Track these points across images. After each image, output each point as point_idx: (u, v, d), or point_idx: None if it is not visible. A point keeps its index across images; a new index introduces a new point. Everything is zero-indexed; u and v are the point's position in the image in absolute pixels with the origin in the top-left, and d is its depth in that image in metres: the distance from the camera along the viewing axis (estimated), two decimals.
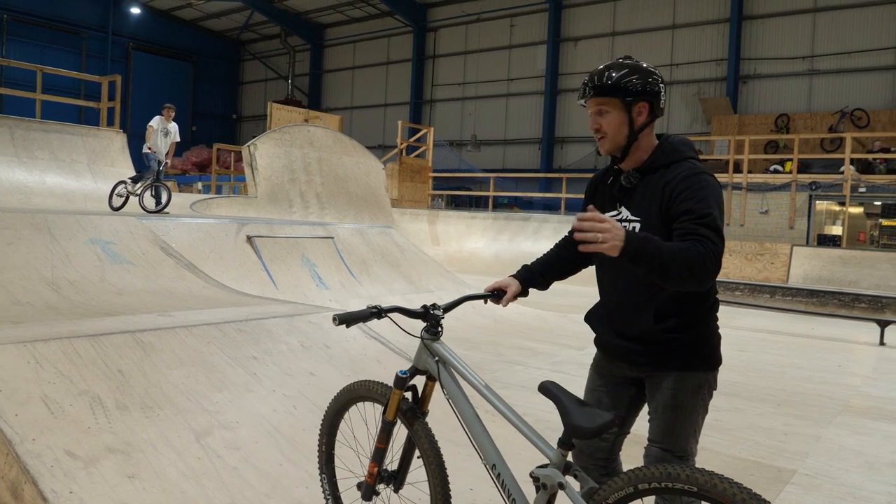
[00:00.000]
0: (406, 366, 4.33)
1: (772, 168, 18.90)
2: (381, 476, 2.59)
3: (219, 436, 3.45)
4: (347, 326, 2.44)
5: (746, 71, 24.27)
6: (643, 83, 2.28)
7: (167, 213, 10.33)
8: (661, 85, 2.32)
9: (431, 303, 2.54)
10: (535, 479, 2.08)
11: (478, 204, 27.88)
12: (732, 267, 17.05)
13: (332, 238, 9.29)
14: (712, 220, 2.12)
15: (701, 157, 20.66)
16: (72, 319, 4.45)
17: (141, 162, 11.68)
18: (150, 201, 10.73)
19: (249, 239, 8.17)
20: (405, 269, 10.08)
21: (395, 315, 2.51)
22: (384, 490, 2.66)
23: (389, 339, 5.24)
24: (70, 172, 12.62)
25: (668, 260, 1.99)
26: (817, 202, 17.89)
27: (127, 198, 10.83)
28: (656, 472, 1.92)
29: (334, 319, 2.41)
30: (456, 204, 27.93)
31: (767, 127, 22.19)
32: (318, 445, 2.89)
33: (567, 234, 2.56)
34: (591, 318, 2.59)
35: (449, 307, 2.53)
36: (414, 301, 8.79)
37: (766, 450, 4.74)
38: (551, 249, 2.71)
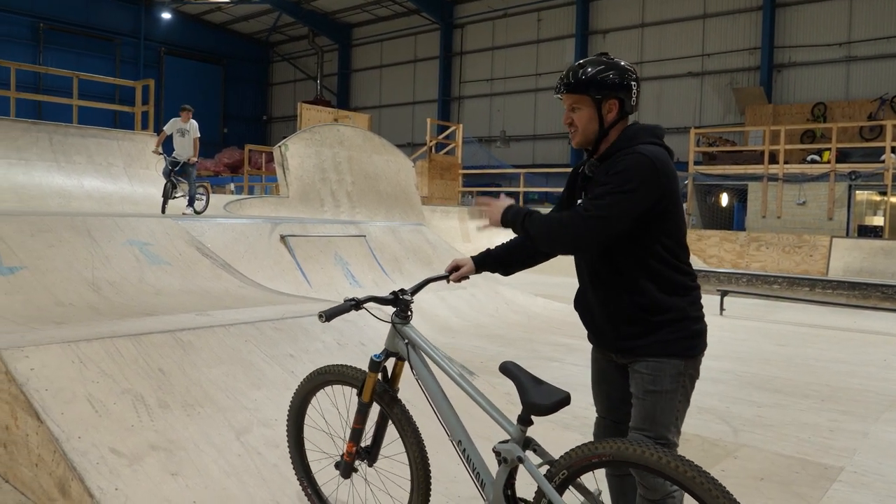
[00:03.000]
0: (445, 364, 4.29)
1: (809, 158, 18.52)
2: (358, 453, 2.74)
3: (258, 433, 3.48)
4: (329, 320, 2.55)
5: (781, 59, 23.80)
6: (613, 81, 2.35)
7: (192, 212, 10.38)
8: (634, 82, 2.40)
9: (399, 288, 2.69)
10: (497, 453, 2.26)
11: None
12: (770, 260, 16.75)
13: (365, 236, 9.32)
14: (598, 194, 2.27)
15: (735, 148, 20.42)
16: (113, 319, 4.51)
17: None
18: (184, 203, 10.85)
19: (283, 238, 8.22)
20: (437, 266, 10.06)
21: (370, 305, 2.67)
22: (360, 466, 2.82)
23: (426, 335, 5.23)
24: (107, 176, 12.85)
25: (529, 226, 2.37)
26: (857, 192, 17.50)
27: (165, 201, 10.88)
28: (607, 447, 2.07)
29: (320, 317, 2.55)
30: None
31: (803, 116, 21.75)
32: (287, 430, 3.03)
33: None
34: (578, 304, 2.65)
35: (415, 290, 2.70)
36: (447, 298, 8.78)
37: (812, 446, 4.63)
38: (517, 237, 2.79)
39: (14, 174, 11.76)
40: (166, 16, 36.08)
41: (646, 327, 2.36)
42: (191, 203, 10.84)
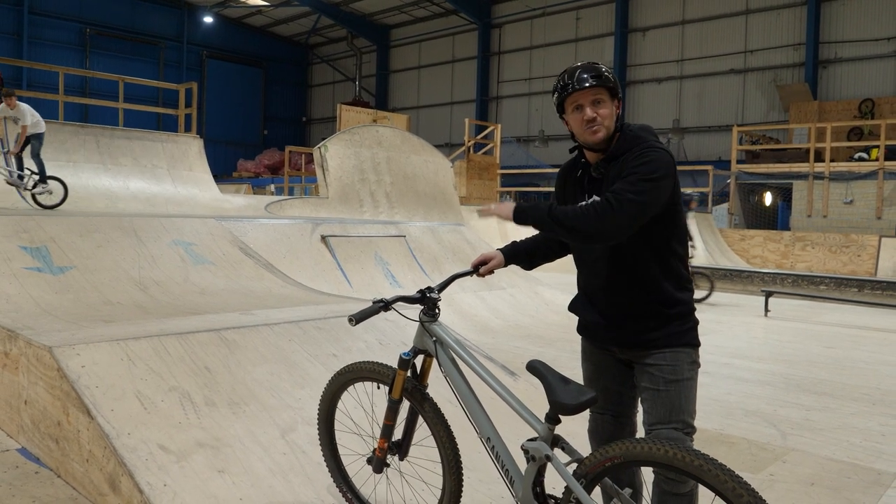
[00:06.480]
0: (488, 364, 4.27)
1: (857, 156, 18.05)
2: (390, 449, 2.78)
3: (303, 432, 3.50)
4: (359, 323, 2.58)
5: (826, 55, 23.23)
6: (616, 82, 2.49)
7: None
8: None
9: (426, 286, 2.70)
10: (525, 451, 2.27)
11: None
12: (816, 260, 16.37)
13: (404, 236, 9.35)
14: (629, 181, 2.26)
15: (779, 146, 19.99)
16: (160, 318, 4.59)
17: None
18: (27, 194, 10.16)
19: (324, 239, 8.29)
20: None
21: (398, 304, 2.67)
22: (391, 460, 2.84)
23: (466, 336, 5.22)
24: (151, 177, 13.09)
25: (562, 218, 2.28)
26: None
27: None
28: (636, 448, 2.05)
29: (351, 321, 2.58)
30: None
31: (850, 113, 21.19)
32: (318, 425, 3.04)
33: None
34: (576, 307, 2.70)
35: (442, 287, 2.68)
36: (487, 299, 8.76)
37: (863, 451, 4.50)
38: (539, 233, 2.84)
39: (62, 176, 12.04)
40: (208, 20, 36.73)
41: (661, 321, 2.43)
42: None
